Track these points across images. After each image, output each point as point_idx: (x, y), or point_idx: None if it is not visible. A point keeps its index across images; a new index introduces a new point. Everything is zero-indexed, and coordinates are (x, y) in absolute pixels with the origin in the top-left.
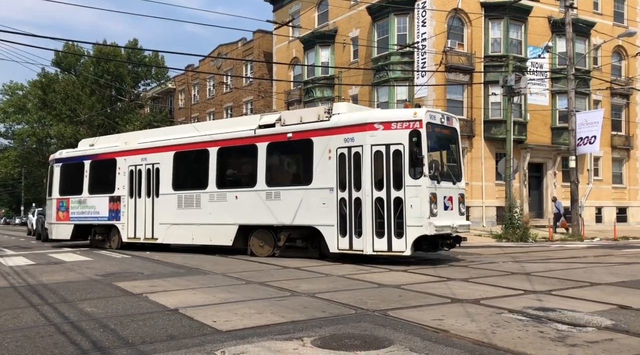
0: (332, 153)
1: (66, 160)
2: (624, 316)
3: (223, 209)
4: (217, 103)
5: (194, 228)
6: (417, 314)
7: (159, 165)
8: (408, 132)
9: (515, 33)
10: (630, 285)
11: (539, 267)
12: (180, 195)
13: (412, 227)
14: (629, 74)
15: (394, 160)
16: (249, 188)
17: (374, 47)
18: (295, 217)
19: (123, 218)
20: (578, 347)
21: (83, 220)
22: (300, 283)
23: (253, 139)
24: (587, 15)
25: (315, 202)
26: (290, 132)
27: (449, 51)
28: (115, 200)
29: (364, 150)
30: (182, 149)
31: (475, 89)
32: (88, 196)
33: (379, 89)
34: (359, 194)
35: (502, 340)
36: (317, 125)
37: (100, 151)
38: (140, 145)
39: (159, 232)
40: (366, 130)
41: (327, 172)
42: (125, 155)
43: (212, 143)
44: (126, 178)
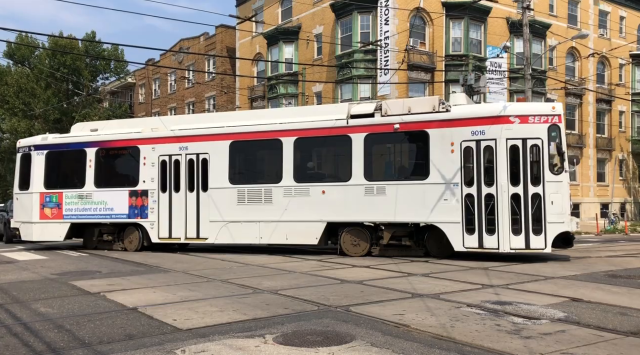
0: (454, 146)
1: (55, 148)
2: (576, 308)
3: (305, 204)
4: (179, 98)
5: (262, 226)
6: (379, 309)
7: (206, 156)
8: (547, 126)
9: (475, 33)
10: (582, 279)
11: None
12: (241, 189)
13: (553, 223)
14: (582, 74)
15: (532, 155)
16: (340, 182)
17: (337, 44)
18: (406, 213)
19: (152, 215)
20: (532, 339)
21: (86, 218)
22: (263, 280)
23: (344, 129)
24: (543, 17)
25: (434, 198)
26: (397, 123)
27: (411, 50)
28: (140, 195)
29: (499, 144)
30: (243, 138)
31: (436, 88)
32: (94, 190)
33: (343, 86)
34: (492, 189)
35: (460, 334)
36: (433, 117)
37: (112, 137)
38: (176, 132)
39: (208, 231)
40: (500, 123)
41: (449, 166)
42: (153, 143)
43: (287, 132)
44: (156, 169)
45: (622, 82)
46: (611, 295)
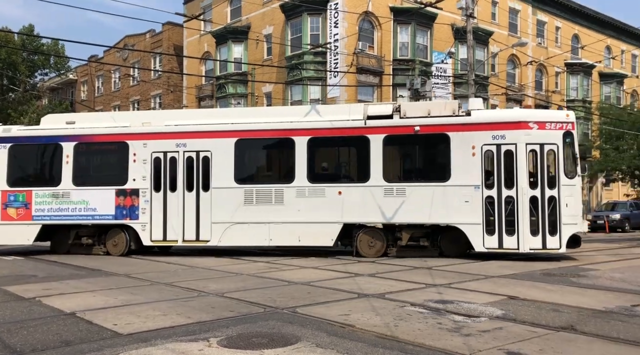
0: (475, 150)
1: (21, 141)
2: (512, 306)
3: (320, 205)
4: (123, 96)
5: (272, 227)
6: (325, 310)
7: (207, 154)
8: (562, 133)
9: (421, 38)
10: (519, 277)
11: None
12: (248, 189)
13: (568, 224)
14: (522, 81)
15: (548, 160)
16: (358, 183)
17: (287, 45)
18: (426, 214)
19: (143, 216)
20: (472, 336)
21: (62, 219)
22: (208, 283)
23: (362, 130)
24: (486, 24)
25: (455, 200)
26: (418, 125)
27: (360, 53)
28: (129, 195)
29: (519, 149)
30: (251, 136)
31: (384, 91)
32: (73, 188)
33: (293, 88)
34: (511, 192)
35: (403, 333)
36: (455, 120)
37: (95, 131)
38: (172, 128)
39: (209, 233)
40: (520, 128)
41: (469, 169)
42: (145, 139)
43: (300, 132)
44: (148, 167)
45: (557, 89)
46: (545, 293)
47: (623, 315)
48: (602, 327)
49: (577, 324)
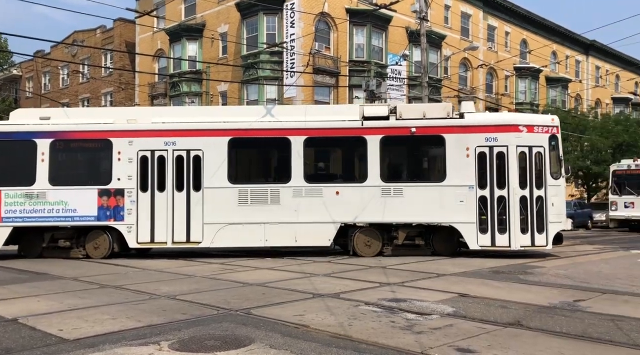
0: (469, 151)
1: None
2: (463, 303)
3: (317, 205)
4: (72, 93)
5: (268, 227)
6: (280, 311)
7: (199, 152)
8: (548, 136)
9: (377, 40)
10: (470, 275)
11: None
12: (243, 189)
13: (554, 223)
14: (473, 83)
15: (536, 161)
16: (355, 183)
17: (243, 44)
18: (423, 214)
19: (129, 217)
20: (423, 333)
21: (37, 221)
22: (160, 285)
23: (359, 130)
24: (439, 28)
25: (451, 200)
26: (414, 126)
27: (317, 54)
28: (113, 195)
29: (510, 151)
30: (245, 135)
31: (341, 92)
32: (50, 188)
33: (249, 87)
34: (503, 192)
35: (357, 332)
36: (449, 122)
37: (74, 128)
38: (160, 126)
39: (201, 234)
40: (511, 131)
41: (464, 170)
42: (130, 137)
43: (296, 131)
44: (134, 166)
45: (507, 92)
46: (494, 290)
47: (566, 311)
48: (546, 322)
49: (523, 319)
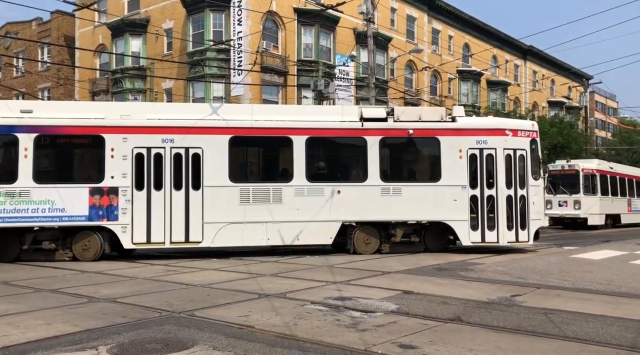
0: (462, 153)
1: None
2: (406, 300)
3: (319, 204)
4: (5, 88)
5: (270, 226)
6: (224, 312)
7: (198, 151)
8: (529, 140)
9: (325, 40)
10: (414, 273)
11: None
12: (244, 188)
13: (534, 220)
14: (419, 85)
15: (520, 163)
16: (356, 182)
17: (189, 41)
18: (420, 212)
19: (124, 217)
20: (367, 331)
21: (20, 221)
22: (100, 288)
23: (359, 131)
24: (385, 30)
25: (446, 199)
26: (411, 128)
27: (265, 52)
28: (106, 193)
29: (498, 153)
30: (246, 134)
31: (289, 91)
32: (34, 186)
33: (195, 84)
34: (492, 191)
35: (302, 331)
36: (444, 125)
37: (63, 123)
38: (156, 122)
39: (201, 234)
40: (499, 135)
41: (457, 170)
42: (125, 133)
43: (298, 131)
44: (129, 164)
45: (450, 94)
46: (436, 287)
47: (503, 305)
48: (485, 317)
49: (463, 315)
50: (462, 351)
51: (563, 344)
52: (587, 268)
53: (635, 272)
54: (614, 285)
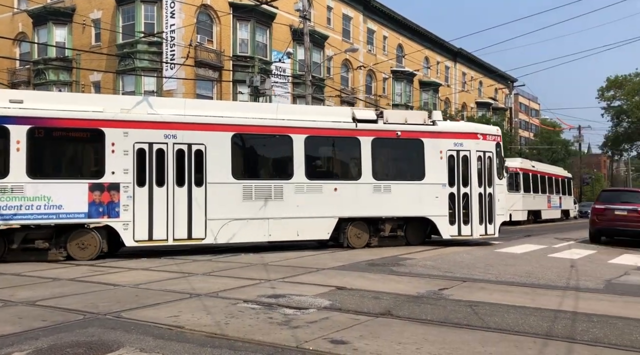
0: (442, 154)
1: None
2: (339, 296)
3: (317, 201)
4: None
5: (271, 223)
6: (153, 313)
7: (201, 147)
8: (495, 143)
9: (261, 36)
10: (348, 269)
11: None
12: (247, 185)
13: (499, 215)
14: (354, 84)
15: (488, 164)
16: (351, 180)
17: (118, 32)
18: (407, 208)
19: (126, 214)
20: (300, 328)
21: (13, 219)
22: (18, 290)
23: (354, 132)
24: (322, 28)
25: (429, 196)
26: (399, 130)
27: (199, 46)
28: (107, 190)
29: (472, 155)
30: (248, 131)
31: (224, 87)
32: (28, 182)
33: (125, 78)
34: (467, 189)
35: (234, 330)
36: (426, 128)
37: (58, 115)
38: (158, 117)
39: (204, 231)
40: (472, 138)
41: (438, 170)
42: (126, 127)
43: (297, 130)
44: (130, 159)
45: (385, 94)
46: (369, 282)
47: (432, 299)
48: (414, 310)
49: (393, 309)
50: (391, 345)
51: (486, 334)
52: (510, 261)
53: (552, 265)
54: (534, 278)
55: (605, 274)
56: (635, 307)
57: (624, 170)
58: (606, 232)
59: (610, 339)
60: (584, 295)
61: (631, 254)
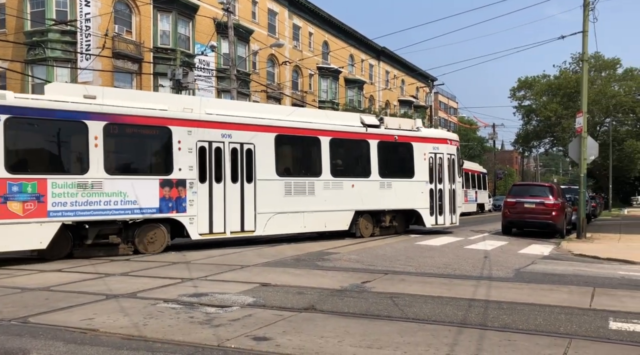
0: (425, 156)
1: (25, 113)
2: (264, 293)
3: (339, 196)
4: None
5: (306, 215)
6: (65, 316)
7: (250, 146)
8: (456, 147)
9: (183, 28)
10: (273, 265)
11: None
12: (288, 181)
13: (459, 207)
14: (281, 80)
15: (451, 165)
16: (364, 178)
17: (26, 19)
18: (402, 202)
19: (191, 209)
20: (222, 326)
21: (93, 214)
22: None
23: (365, 135)
24: (247, 22)
25: (416, 191)
26: (396, 135)
27: (117, 37)
28: (175, 185)
29: (444, 157)
30: (288, 133)
31: (144, 79)
32: (106, 177)
33: (35, 68)
34: (441, 186)
35: (153, 331)
36: (414, 134)
37: (129, 111)
38: (216, 118)
39: (254, 223)
40: (444, 143)
41: (423, 169)
42: (190, 126)
43: (324, 132)
44: (193, 156)
45: (311, 90)
46: (294, 277)
47: (354, 292)
48: (337, 304)
49: (317, 303)
50: (314, 339)
51: (405, 325)
52: (429, 254)
53: (468, 256)
54: (450, 269)
55: (515, 263)
56: (540, 293)
57: (534, 165)
58: (517, 224)
59: (517, 325)
60: (496, 284)
61: (538, 244)
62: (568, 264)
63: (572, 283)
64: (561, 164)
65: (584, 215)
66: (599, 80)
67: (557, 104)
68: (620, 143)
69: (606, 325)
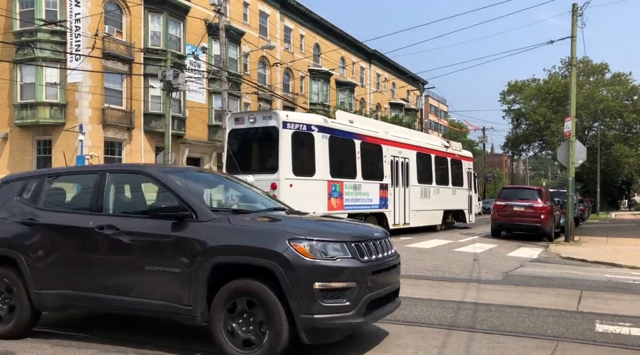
0: (465, 170)
1: (336, 133)
2: None
3: (437, 198)
4: None
5: (427, 213)
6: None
7: (408, 160)
8: (472, 163)
9: (175, 30)
10: None
11: None
12: (422, 187)
13: (475, 208)
14: (272, 82)
15: (471, 176)
16: (445, 185)
17: (15, 19)
18: (458, 204)
19: (390, 206)
20: None
21: (356, 209)
22: None
23: (446, 154)
24: (238, 24)
25: (462, 196)
26: (457, 154)
27: (107, 37)
28: (384, 188)
29: (471, 171)
30: (420, 150)
31: (135, 80)
32: (362, 181)
33: (24, 68)
34: (471, 192)
35: None
36: (462, 153)
37: (368, 133)
38: (396, 138)
39: (409, 218)
40: (470, 160)
41: (466, 180)
42: (388, 145)
43: (432, 151)
44: (389, 166)
45: (302, 92)
46: None
47: None
48: None
49: None
50: None
51: (394, 327)
52: (419, 256)
53: (457, 258)
54: (440, 271)
55: (504, 266)
56: (528, 296)
57: (523, 169)
58: (506, 227)
59: (506, 327)
60: (485, 286)
61: (527, 247)
62: (556, 267)
63: (560, 286)
64: (550, 168)
65: (572, 218)
66: (587, 85)
67: (546, 108)
68: (608, 147)
69: (593, 327)
